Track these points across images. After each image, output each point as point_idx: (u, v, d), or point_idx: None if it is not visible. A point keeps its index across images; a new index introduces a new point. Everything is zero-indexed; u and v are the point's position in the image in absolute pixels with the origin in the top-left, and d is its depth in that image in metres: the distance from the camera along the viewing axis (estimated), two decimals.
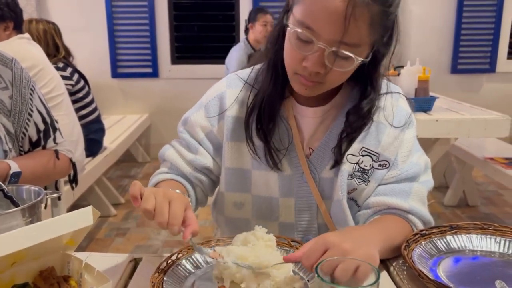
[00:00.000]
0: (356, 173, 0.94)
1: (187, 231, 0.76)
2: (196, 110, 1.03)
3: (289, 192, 0.98)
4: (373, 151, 0.94)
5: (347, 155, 0.94)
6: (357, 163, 0.94)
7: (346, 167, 0.94)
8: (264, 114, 0.95)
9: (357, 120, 0.93)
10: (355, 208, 0.98)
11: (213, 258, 0.76)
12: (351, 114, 0.94)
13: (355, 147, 0.94)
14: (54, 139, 1.24)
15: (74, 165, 1.31)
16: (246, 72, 1.02)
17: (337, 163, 0.94)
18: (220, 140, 1.01)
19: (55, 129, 1.25)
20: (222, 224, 1.09)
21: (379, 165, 0.94)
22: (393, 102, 0.97)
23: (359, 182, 0.95)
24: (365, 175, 0.95)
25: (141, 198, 0.77)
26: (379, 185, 0.95)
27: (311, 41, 0.81)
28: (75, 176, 1.36)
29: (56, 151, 1.22)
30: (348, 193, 0.96)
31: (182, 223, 0.76)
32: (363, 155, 0.94)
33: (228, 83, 1.02)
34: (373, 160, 0.94)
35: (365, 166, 0.94)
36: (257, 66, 1.01)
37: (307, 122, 0.97)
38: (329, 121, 0.97)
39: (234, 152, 0.99)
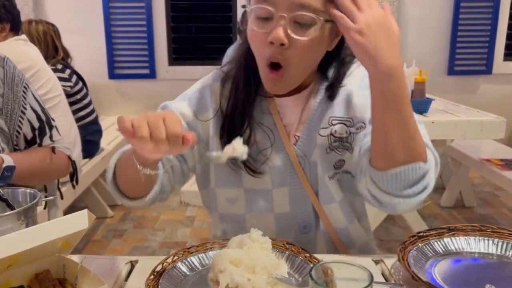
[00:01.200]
0: (333, 144, 0.95)
1: (187, 136, 0.70)
2: (179, 100, 1.00)
3: (282, 182, 0.97)
4: (344, 118, 0.94)
5: (320, 129, 0.94)
6: (331, 134, 0.94)
7: (320, 141, 0.94)
8: (237, 123, 0.93)
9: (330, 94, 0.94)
10: (352, 181, 0.96)
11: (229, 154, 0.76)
12: (328, 92, 0.95)
13: (323, 119, 0.94)
14: (51, 137, 1.23)
15: (73, 163, 1.29)
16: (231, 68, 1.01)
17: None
18: (201, 133, 0.98)
19: (51, 127, 1.24)
20: (217, 221, 1.08)
21: (356, 128, 0.94)
22: (356, 67, 0.97)
23: (340, 152, 0.95)
24: (346, 143, 0.95)
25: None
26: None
27: (271, 16, 0.81)
28: (75, 174, 1.34)
29: (53, 148, 1.21)
30: (339, 167, 0.96)
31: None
32: (334, 124, 0.94)
33: (214, 78, 1.01)
34: (347, 126, 0.94)
35: (341, 134, 0.94)
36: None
37: (290, 111, 0.97)
38: (310, 106, 0.97)
39: (222, 147, 0.94)
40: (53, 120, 1.26)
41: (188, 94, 1.01)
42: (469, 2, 4.34)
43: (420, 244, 0.87)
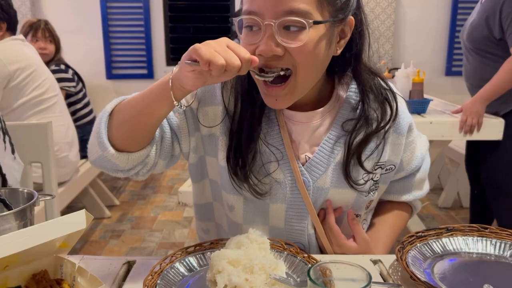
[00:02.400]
0: (371, 188, 0.96)
1: (254, 58, 0.72)
2: None
3: (280, 199, 0.92)
4: (382, 162, 0.95)
5: (363, 174, 0.92)
6: (372, 179, 0.95)
7: (364, 187, 0.94)
8: (244, 144, 0.89)
9: (355, 130, 0.91)
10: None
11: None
12: (348, 124, 0.91)
13: (368, 165, 0.92)
14: None
15: None
16: None
17: (348, 175, 0.91)
18: (199, 125, 0.93)
19: None
20: (213, 230, 1.07)
21: (386, 170, 0.97)
22: (396, 108, 0.94)
23: (373, 194, 0.97)
24: (376, 185, 0.97)
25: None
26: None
27: (259, 26, 0.78)
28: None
29: None
30: (366, 207, 0.99)
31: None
32: (375, 169, 0.94)
33: None
34: (382, 169, 0.96)
35: (377, 177, 0.96)
36: None
37: (300, 128, 0.92)
38: (325, 127, 0.93)
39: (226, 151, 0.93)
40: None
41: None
42: (467, 3, 4.36)
43: (418, 244, 0.87)
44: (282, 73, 0.80)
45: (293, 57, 0.78)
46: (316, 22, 0.77)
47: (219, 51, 0.69)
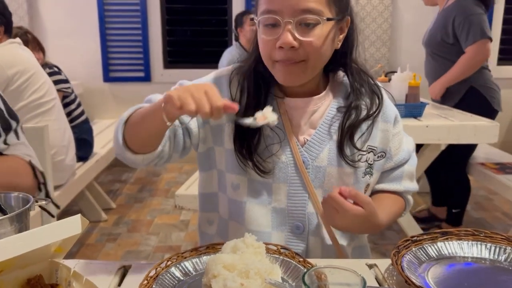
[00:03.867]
0: (367, 170, 1.03)
1: (229, 106, 0.78)
2: (194, 81, 1.01)
3: (282, 179, 1.00)
4: (374, 146, 1.03)
5: (358, 155, 1.01)
6: (366, 160, 1.03)
7: (362, 166, 1.02)
8: (249, 128, 0.95)
9: (348, 112, 1.01)
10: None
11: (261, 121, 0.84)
12: (343, 107, 1.02)
13: (360, 145, 1.01)
14: (5, 141, 1.10)
15: (39, 172, 1.13)
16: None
17: (342, 153, 1.00)
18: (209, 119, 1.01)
19: (8, 130, 1.11)
20: (223, 205, 1.08)
21: (378, 156, 1.05)
22: (381, 98, 1.05)
23: (369, 177, 1.04)
24: (371, 169, 1.04)
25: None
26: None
27: (278, 23, 0.89)
28: (43, 185, 1.15)
29: None
30: (364, 191, 1.04)
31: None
32: (368, 152, 1.03)
33: (232, 70, 1.05)
34: (374, 154, 1.04)
35: (370, 161, 1.04)
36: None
37: (299, 113, 1.02)
38: (321, 112, 1.02)
39: (232, 135, 1.00)
40: (18, 122, 1.14)
41: (203, 79, 1.06)
42: None
43: (413, 248, 0.87)
44: (261, 123, 0.88)
45: (306, 49, 0.90)
46: (329, 19, 0.90)
47: (194, 96, 0.77)
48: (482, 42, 2.54)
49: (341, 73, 1.06)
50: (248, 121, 0.87)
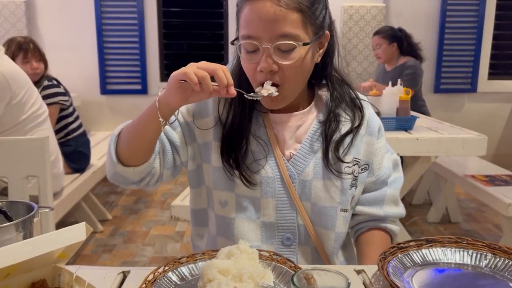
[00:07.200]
0: (353, 182, 1.06)
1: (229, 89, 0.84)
2: None
3: (270, 193, 1.03)
4: (358, 158, 1.07)
5: (345, 167, 1.04)
6: (352, 173, 1.05)
7: (347, 179, 1.04)
8: (235, 138, 1.01)
9: (328, 121, 1.04)
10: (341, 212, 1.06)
11: None
12: (323, 118, 1.05)
13: (345, 157, 1.04)
14: None
15: None
16: None
17: (328, 163, 1.03)
18: (197, 135, 1.05)
19: None
20: (212, 221, 1.11)
21: (361, 169, 1.08)
22: (364, 111, 1.09)
23: (354, 189, 1.07)
24: (356, 181, 1.07)
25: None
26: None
27: (257, 48, 0.92)
28: None
29: None
30: (349, 203, 1.07)
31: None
32: (354, 164, 1.06)
33: None
34: (358, 167, 1.07)
35: (356, 173, 1.07)
36: None
37: (285, 128, 1.05)
38: (306, 127, 1.06)
39: (219, 151, 1.04)
40: None
41: None
42: (454, 23, 4.48)
43: (399, 255, 0.91)
44: (265, 94, 0.93)
45: (285, 72, 0.94)
46: (305, 44, 0.93)
47: (208, 68, 0.84)
48: None
49: (326, 84, 1.09)
50: (250, 96, 0.93)
